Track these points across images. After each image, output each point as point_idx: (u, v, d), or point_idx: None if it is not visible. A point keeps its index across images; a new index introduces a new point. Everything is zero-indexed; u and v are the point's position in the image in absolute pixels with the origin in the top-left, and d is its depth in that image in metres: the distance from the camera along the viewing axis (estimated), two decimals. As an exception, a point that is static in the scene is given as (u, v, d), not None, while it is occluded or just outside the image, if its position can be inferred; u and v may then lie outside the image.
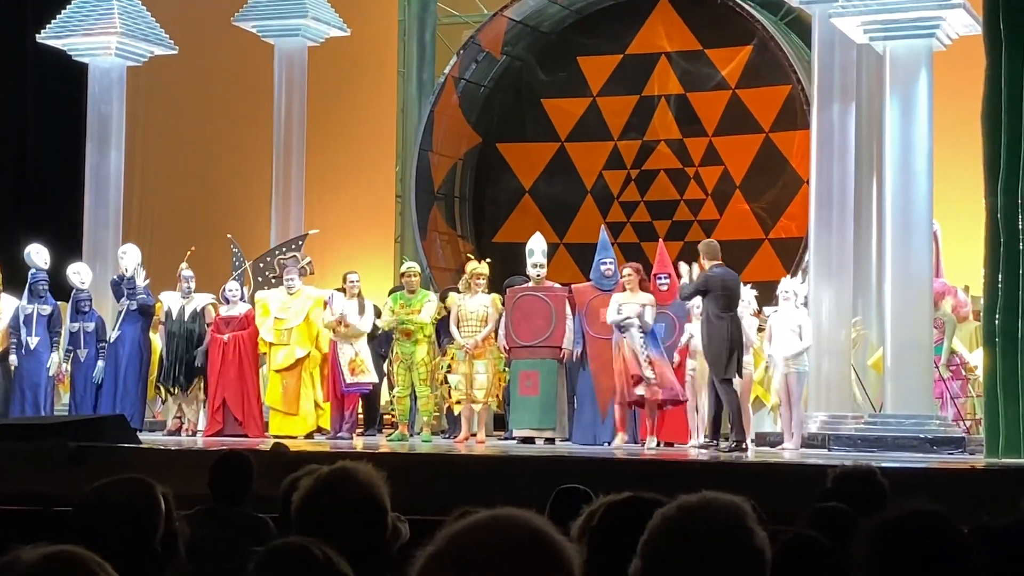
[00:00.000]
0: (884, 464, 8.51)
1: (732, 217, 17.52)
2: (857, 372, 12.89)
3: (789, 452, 11.88)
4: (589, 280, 13.43)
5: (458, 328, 12.90)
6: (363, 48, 18.09)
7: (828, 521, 4.09)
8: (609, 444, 12.54)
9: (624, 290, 12.46)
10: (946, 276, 13.40)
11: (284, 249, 14.58)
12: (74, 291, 14.01)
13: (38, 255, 14.07)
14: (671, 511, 2.30)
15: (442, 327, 13.56)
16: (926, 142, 11.88)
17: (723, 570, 2.24)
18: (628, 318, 12.19)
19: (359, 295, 13.62)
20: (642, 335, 12.16)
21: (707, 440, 11.94)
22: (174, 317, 13.95)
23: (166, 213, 18.77)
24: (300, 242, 14.69)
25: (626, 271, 12.56)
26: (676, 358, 12.52)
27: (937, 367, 12.50)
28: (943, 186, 12.58)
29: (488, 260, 13.50)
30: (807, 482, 7.23)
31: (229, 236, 14.88)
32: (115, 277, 14.24)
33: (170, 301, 14.05)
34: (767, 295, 13.24)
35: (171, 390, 13.93)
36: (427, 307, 13.04)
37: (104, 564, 2.29)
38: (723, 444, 11.73)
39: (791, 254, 16.00)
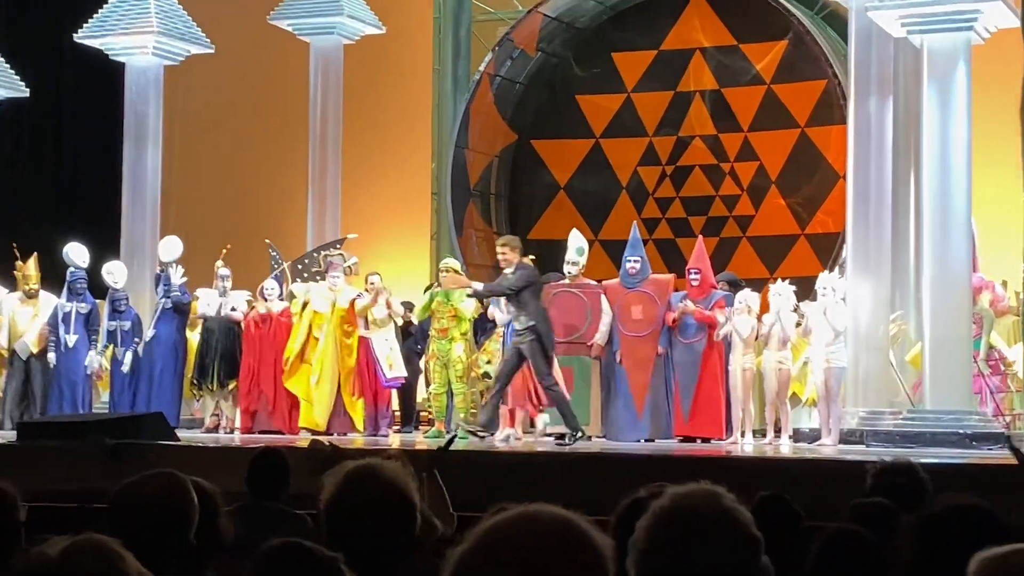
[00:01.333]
0: (923, 460, 8.45)
1: (768, 212, 17.45)
2: (896, 367, 12.81)
3: (827, 448, 11.82)
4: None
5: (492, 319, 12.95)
6: (398, 45, 18.11)
7: (871, 516, 4.06)
8: (639, 441, 12.52)
9: None
10: (984, 271, 13.29)
11: (322, 251, 14.58)
12: (110, 290, 14.09)
13: (76, 254, 14.16)
14: (649, 520, 2.26)
15: (479, 325, 13.54)
16: (964, 136, 11.77)
17: (719, 556, 2.22)
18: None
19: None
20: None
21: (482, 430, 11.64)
22: (211, 315, 14.01)
23: (203, 211, 18.82)
24: (339, 244, 14.70)
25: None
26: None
27: (976, 362, 12.40)
28: (982, 180, 12.48)
29: (532, 257, 13.43)
30: (845, 478, 7.19)
31: (268, 241, 14.85)
32: (157, 272, 14.33)
33: (206, 299, 14.11)
34: (804, 290, 13.19)
35: (210, 387, 13.99)
36: (468, 300, 13.01)
37: (125, 552, 2.28)
38: (567, 439, 11.41)
39: (828, 249, 15.92)
